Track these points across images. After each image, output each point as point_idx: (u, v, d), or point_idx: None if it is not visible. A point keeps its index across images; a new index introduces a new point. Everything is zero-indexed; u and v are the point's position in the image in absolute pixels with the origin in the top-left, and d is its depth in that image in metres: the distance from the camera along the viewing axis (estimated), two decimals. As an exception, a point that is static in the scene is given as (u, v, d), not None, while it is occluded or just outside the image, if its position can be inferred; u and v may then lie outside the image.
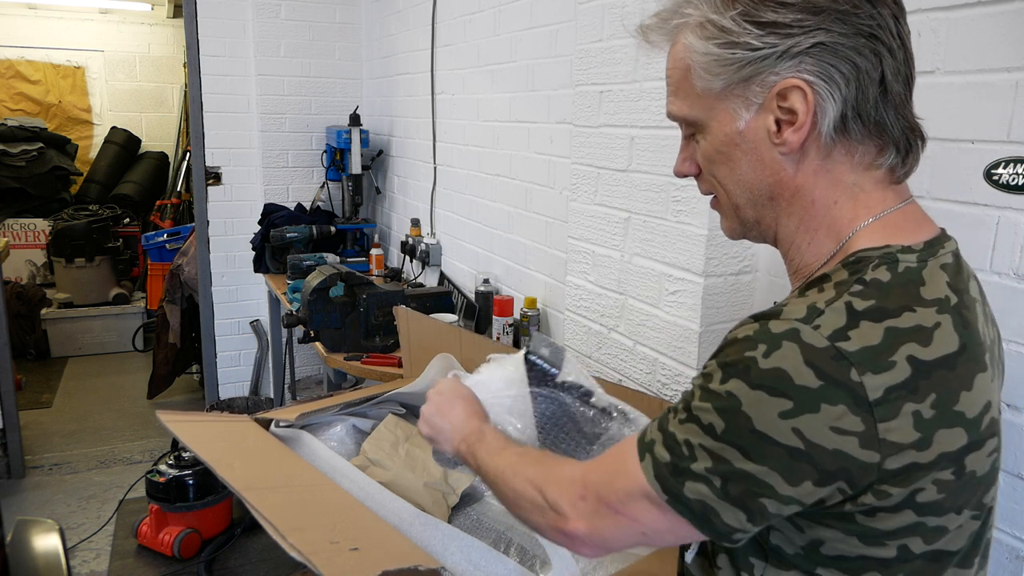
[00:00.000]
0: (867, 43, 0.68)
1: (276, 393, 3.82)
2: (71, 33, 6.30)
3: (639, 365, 1.56)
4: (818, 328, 0.63)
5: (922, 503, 0.65)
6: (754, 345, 0.65)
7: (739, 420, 0.65)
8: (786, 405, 0.63)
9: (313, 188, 3.94)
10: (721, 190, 0.79)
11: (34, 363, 5.24)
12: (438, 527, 1.18)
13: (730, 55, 0.70)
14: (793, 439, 0.63)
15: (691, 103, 0.76)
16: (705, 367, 0.71)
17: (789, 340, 0.64)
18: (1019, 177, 0.96)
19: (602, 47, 1.60)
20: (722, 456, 0.66)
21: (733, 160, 0.75)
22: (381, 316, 2.33)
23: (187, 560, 1.37)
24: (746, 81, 0.71)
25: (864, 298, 0.65)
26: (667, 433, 0.71)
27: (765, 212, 0.77)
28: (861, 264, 0.69)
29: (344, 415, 1.63)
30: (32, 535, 1.28)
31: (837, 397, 0.62)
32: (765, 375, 0.64)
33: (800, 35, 0.67)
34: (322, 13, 3.80)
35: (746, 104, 0.72)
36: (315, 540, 0.97)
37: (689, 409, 0.69)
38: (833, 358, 0.62)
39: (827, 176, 0.72)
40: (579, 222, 1.73)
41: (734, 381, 0.65)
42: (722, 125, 0.74)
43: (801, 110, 0.69)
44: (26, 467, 3.74)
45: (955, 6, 1.02)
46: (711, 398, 0.67)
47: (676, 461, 0.69)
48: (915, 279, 0.67)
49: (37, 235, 5.72)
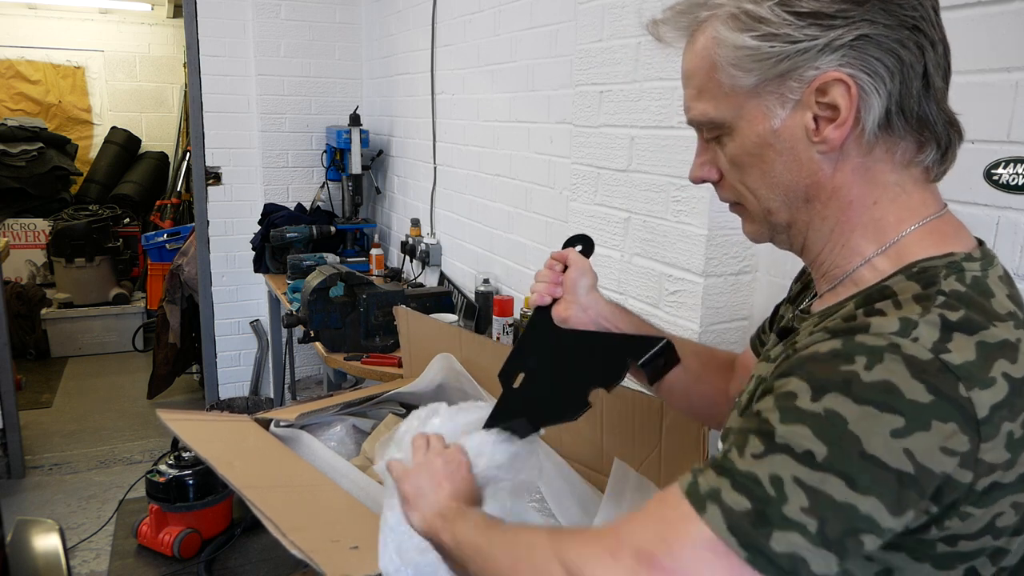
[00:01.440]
0: (911, 35, 0.64)
1: (276, 393, 3.83)
2: (71, 33, 6.30)
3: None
4: (917, 340, 0.58)
5: (1000, 527, 0.61)
6: (850, 358, 0.58)
7: (846, 442, 0.56)
8: (898, 422, 0.55)
9: (313, 188, 3.94)
10: (750, 196, 0.73)
11: (34, 363, 5.24)
12: (438, 527, 1.18)
13: (768, 48, 0.65)
14: (904, 462, 0.56)
15: (717, 103, 0.70)
16: (776, 387, 0.61)
17: (891, 352, 0.57)
18: (1019, 177, 0.96)
19: (602, 47, 1.60)
20: (822, 490, 0.56)
21: (766, 162, 0.70)
22: (381, 316, 2.33)
23: (187, 560, 1.37)
24: (782, 76, 0.66)
25: (953, 310, 0.60)
26: (738, 474, 0.60)
27: (799, 215, 0.72)
28: (930, 274, 0.64)
29: (344, 415, 1.63)
30: (32, 535, 1.28)
31: (948, 414, 0.56)
32: (872, 388, 0.56)
33: (843, 27, 0.63)
34: (322, 13, 3.80)
35: (781, 101, 0.67)
36: (316, 538, 0.98)
37: (769, 438, 0.59)
38: (940, 371, 0.57)
39: (866, 175, 0.68)
40: (579, 222, 1.73)
41: (833, 397, 0.57)
42: (753, 125, 0.69)
43: (844, 105, 0.64)
44: (26, 467, 3.74)
45: (955, 6, 1.02)
46: (803, 419, 0.58)
47: (761, 507, 0.57)
48: (985, 290, 0.63)
49: (37, 235, 5.72)
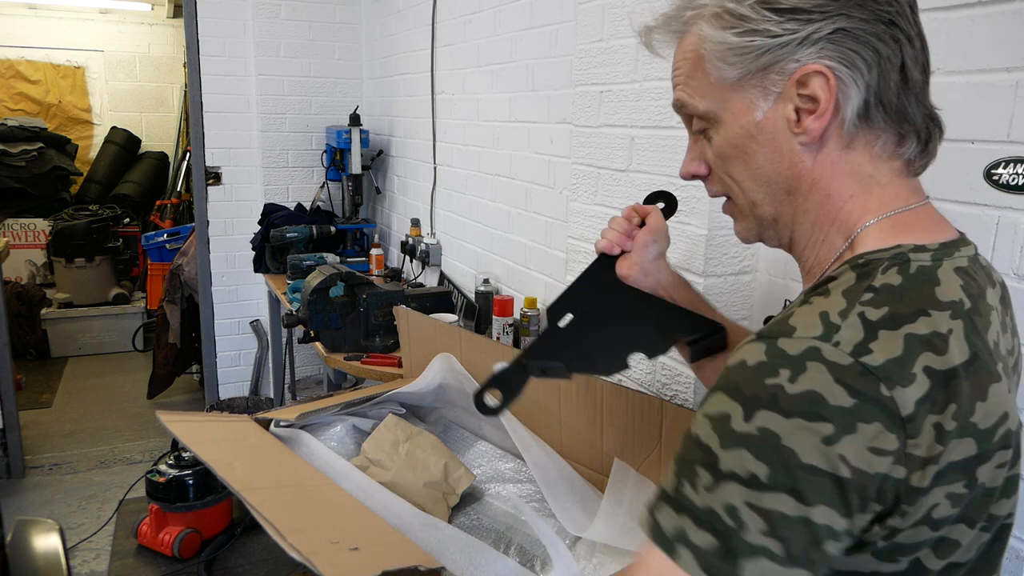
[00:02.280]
0: (887, 29, 0.66)
1: (276, 393, 3.83)
2: (71, 33, 6.30)
3: (639, 365, 1.55)
4: (838, 345, 0.59)
5: (937, 519, 0.62)
6: (774, 371, 0.59)
7: (783, 457, 0.57)
8: (827, 429, 0.57)
9: (313, 188, 3.94)
10: (736, 188, 0.75)
11: (34, 363, 5.24)
12: (438, 527, 1.18)
13: (748, 43, 0.67)
14: (839, 466, 0.57)
15: (703, 95, 0.73)
16: (709, 407, 0.62)
17: (812, 360, 0.59)
18: (1019, 177, 0.96)
19: (602, 47, 1.60)
20: (774, 510, 0.57)
21: (748, 153, 0.72)
22: (381, 316, 2.33)
23: (187, 560, 1.37)
24: (764, 70, 0.68)
25: (877, 306, 0.62)
26: (695, 510, 0.60)
27: (783, 208, 0.73)
28: (870, 267, 0.65)
29: (344, 415, 1.63)
30: (32, 535, 1.28)
31: (872, 415, 0.57)
32: (798, 400, 0.57)
33: (821, 20, 0.65)
34: (322, 13, 3.80)
35: (763, 93, 0.69)
36: (315, 540, 0.97)
37: (715, 467, 0.59)
38: (860, 374, 0.58)
39: (845, 167, 0.70)
40: (579, 222, 1.73)
41: (763, 414, 0.58)
42: (737, 117, 0.71)
43: (823, 96, 0.67)
44: (26, 467, 3.75)
45: (955, 6, 1.02)
46: (741, 442, 0.59)
47: (724, 540, 0.58)
48: (930, 278, 0.64)
49: (37, 235, 5.72)
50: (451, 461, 1.47)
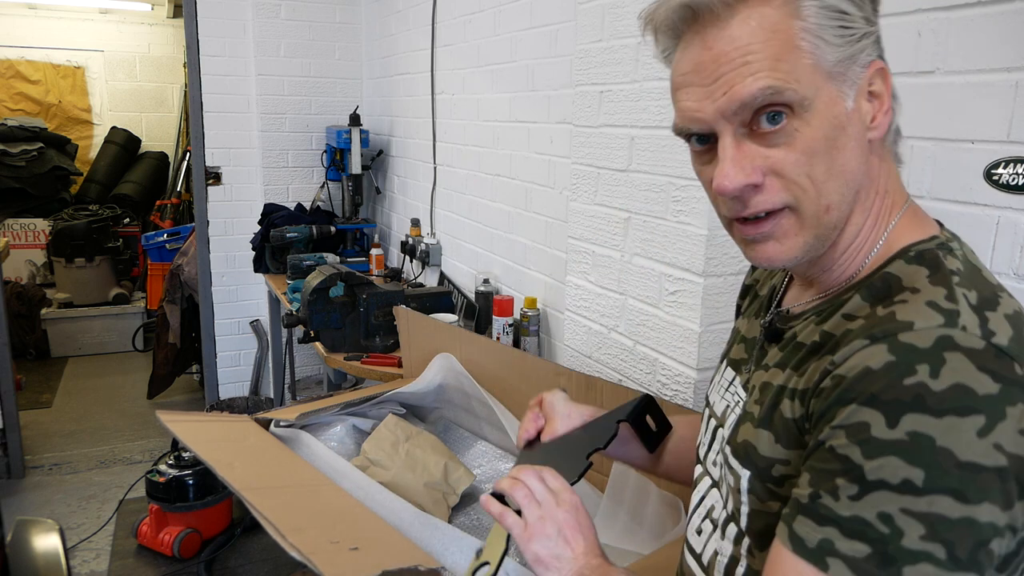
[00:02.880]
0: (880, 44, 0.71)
1: (276, 393, 3.83)
2: (71, 33, 6.30)
3: (639, 365, 1.55)
4: (966, 329, 0.58)
5: None
6: (910, 369, 0.56)
7: (941, 459, 0.54)
8: (980, 421, 0.55)
9: (313, 188, 3.94)
10: (812, 191, 0.66)
11: (34, 363, 5.24)
12: (438, 527, 1.18)
13: (852, 24, 0.64)
14: (997, 457, 0.55)
15: (799, 76, 0.63)
16: (841, 418, 0.59)
17: (948, 350, 0.57)
18: (1019, 177, 0.96)
19: (602, 47, 1.60)
20: (934, 513, 0.54)
21: (838, 148, 0.65)
22: (381, 316, 2.33)
23: (187, 560, 1.37)
24: (852, 58, 0.65)
25: (968, 289, 0.61)
26: (841, 519, 0.57)
27: (846, 212, 0.68)
28: (929, 256, 0.65)
29: (344, 415, 1.63)
30: (32, 535, 1.28)
31: (1016, 396, 0.56)
32: (947, 397, 0.55)
33: (877, 20, 0.68)
34: (322, 13, 3.80)
35: (849, 83, 0.65)
36: (315, 540, 0.97)
37: (859, 476, 0.57)
38: (996, 356, 0.57)
39: (884, 164, 0.71)
40: (579, 222, 1.73)
41: (910, 417, 0.55)
42: (830, 106, 0.64)
43: (885, 93, 0.67)
44: (26, 467, 3.74)
45: (955, 6, 1.02)
46: (888, 449, 0.56)
47: (880, 547, 0.55)
48: (975, 265, 0.66)
49: (37, 235, 5.72)
50: (451, 461, 1.47)
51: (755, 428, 0.71)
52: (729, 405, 0.81)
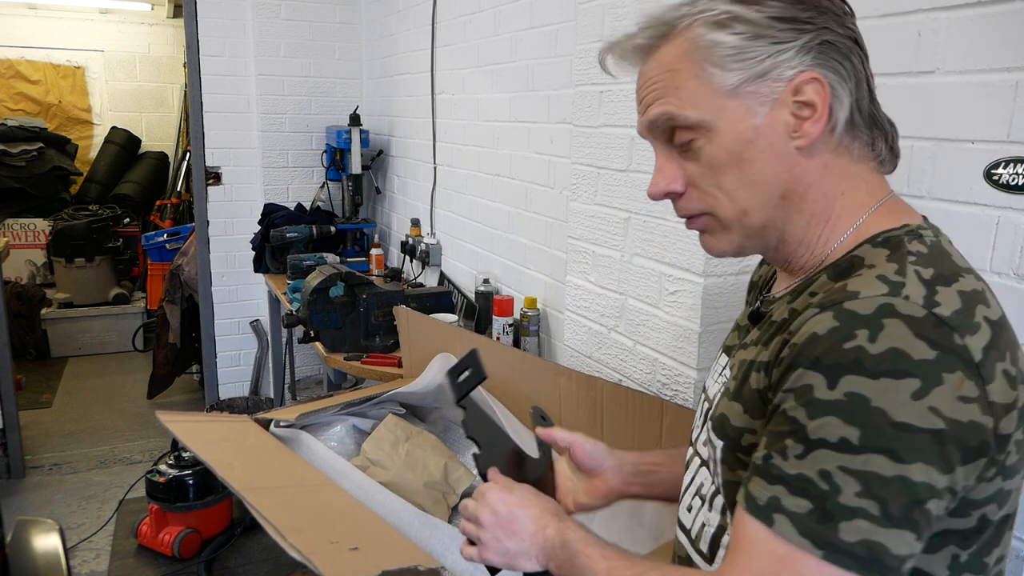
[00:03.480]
0: (854, 46, 0.72)
1: (276, 393, 3.83)
2: (71, 33, 6.30)
3: (639, 365, 1.56)
4: (908, 298, 0.61)
5: (1008, 466, 0.63)
6: (850, 334, 0.60)
7: (875, 419, 0.58)
8: (914, 384, 0.58)
9: (313, 188, 3.94)
10: (725, 199, 0.74)
11: (34, 363, 5.24)
12: (438, 527, 1.18)
13: (753, 48, 0.70)
14: (933, 420, 0.58)
15: (696, 104, 0.73)
16: (791, 382, 0.63)
17: (888, 316, 0.60)
18: (1019, 177, 0.96)
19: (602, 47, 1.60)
20: (869, 471, 0.58)
21: (746, 160, 0.72)
22: (381, 316, 2.33)
23: (187, 560, 1.37)
24: (762, 76, 0.71)
25: (924, 266, 0.65)
26: (789, 478, 0.61)
27: (775, 213, 0.74)
28: (893, 241, 0.69)
29: (344, 415, 1.63)
30: (32, 535, 1.28)
31: (953, 364, 0.59)
32: (882, 360, 0.58)
33: (813, 31, 0.70)
34: (322, 13, 3.80)
35: (760, 100, 0.71)
36: (315, 540, 0.98)
37: (803, 436, 0.61)
38: (935, 325, 0.60)
39: (834, 169, 0.74)
40: (579, 222, 1.73)
41: (848, 379, 0.59)
42: (734, 124, 0.72)
43: (819, 102, 0.70)
44: (26, 467, 3.74)
45: (955, 6, 1.02)
46: (829, 409, 0.60)
47: (820, 503, 0.59)
48: (943, 251, 0.69)
49: (37, 235, 5.72)
50: (451, 461, 1.47)
51: (729, 401, 0.76)
52: (719, 388, 0.85)
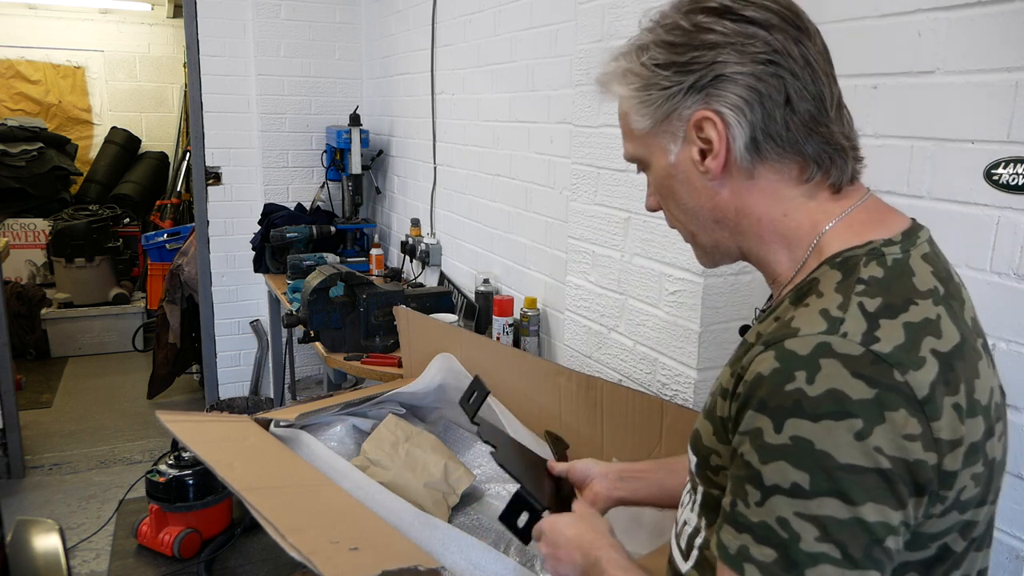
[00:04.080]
0: (765, 69, 0.70)
1: (276, 393, 3.82)
2: (71, 33, 6.30)
3: (639, 365, 1.56)
4: (846, 336, 0.61)
5: (964, 501, 0.64)
6: (789, 376, 0.61)
7: (821, 462, 0.58)
8: (857, 424, 0.58)
9: (313, 188, 3.94)
10: (676, 221, 0.83)
11: (34, 363, 5.24)
12: (438, 527, 1.18)
13: (647, 96, 0.75)
14: (878, 459, 0.58)
15: (634, 143, 0.81)
16: (744, 424, 0.64)
17: (824, 356, 0.60)
18: (1019, 177, 0.96)
19: (602, 47, 1.60)
20: (824, 515, 0.58)
21: (674, 191, 0.79)
22: (381, 316, 2.33)
23: (187, 560, 1.37)
24: (667, 118, 0.75)
25: (871, 296, 0.64)
26: (753, 526, 0.62)
27: (718, 235, 0.79)
28: (850, 263, 0.68)
29: (344, 415, 1.63)
30: (32, 535, 1.28)
31: (894, 402, 0.59)
32: (821, 401, 0.59)
33: (700, 70, 0.71)
34: (322, 13, 3.80)
35: (672, 138, 0.76)
36: (315, 540, 0.97)
37: (760, 482, 0.61)
38: (872, 363, 0.59)
39: (762, 194, 0.75)
40: (579, 222, 1.73)
41: (791, 422, 0.60)
42: (659, 160, 0.79)
43: (715, 138, 0.73)
44: (26, 467, 3.74)
45: (955, 6, 1.02)
46: (777, 454, 0.60)
47: (783, 552, 0.60)
48: (905, 270, 0.67)
49: (37, 235, 5.72)
50: (451, 461, 1.47)
51: (703, 419, 0.77)
52: None
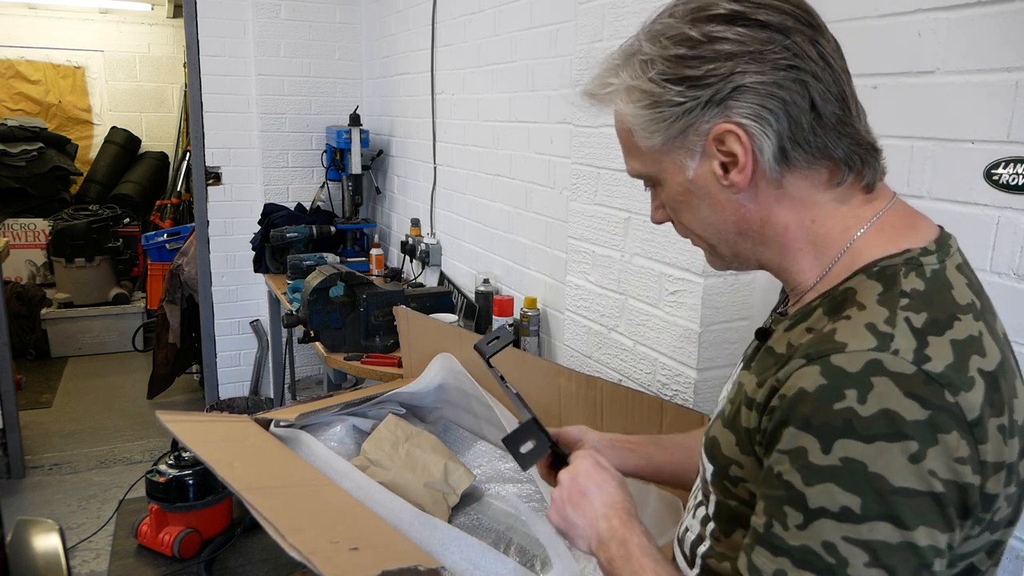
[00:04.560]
0: (787, 75, 0.67)
1: (276, 393, 3.82)
2: (71, 33, 6.30)
3: (639, 365, 1.55)
4: (897, 353, 0.58)
5: (996, 521, 0.62)
6: (839, 393, 0.58)
7: (874, 485, 0.56)
8: (911, 447, 0.56)
9: (313, 188, 3.94)
10: (691, 234, 0.80)
11: (34, 363, 5.24)
12: (438, 527, 1.18)
13: (658, 114, 0.71)
14: (932, 483, 0.56)
15: (641, 160, 0.77)
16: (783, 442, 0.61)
17: (876, 375, 0.57)
18: (1019, 177, 0.96)
19: (602, 47, 1.60)
20: (875, 540, 0.56)
21: (692, 207, 0.76)
22: (381, 316, 2.33)
23: (187, 560, 1.37)
24: (682, 133, 0.71)
25: (916, 311, 0.61)
26: (792, 550, 0.59)
27: (739, 246, 0.76)
28: (889, 273, 0.65)
29: (344, 415, 1.63)
30: (32, 535, 1.28)
31: (946, 424, 0.56)
32: (874, 422, 0.56)
33: (718, 83, 0.67)
34: (322, 13, 3.80)
35: (689, 154, 0.72)
36: (315, 540, 0.97)
37: (803, 504, 0.58)
38: (925, 383, 0.57)
39: (791, 202, 0.72)
40: (579, 222, 1.73)
41: (841, 443, 0.57)
42: (673, 176, 0.75)
43: (739, 152, 0.69)
44: (26, 467, 3.74)
45: (955, 6, 1.02)
46: (825, 475, 0.57)
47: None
48: (944, 282, 0.65)
49: (37, 235, 5.72)
50: (451, 461, 1.47)
51: (722, 427, 0.75)
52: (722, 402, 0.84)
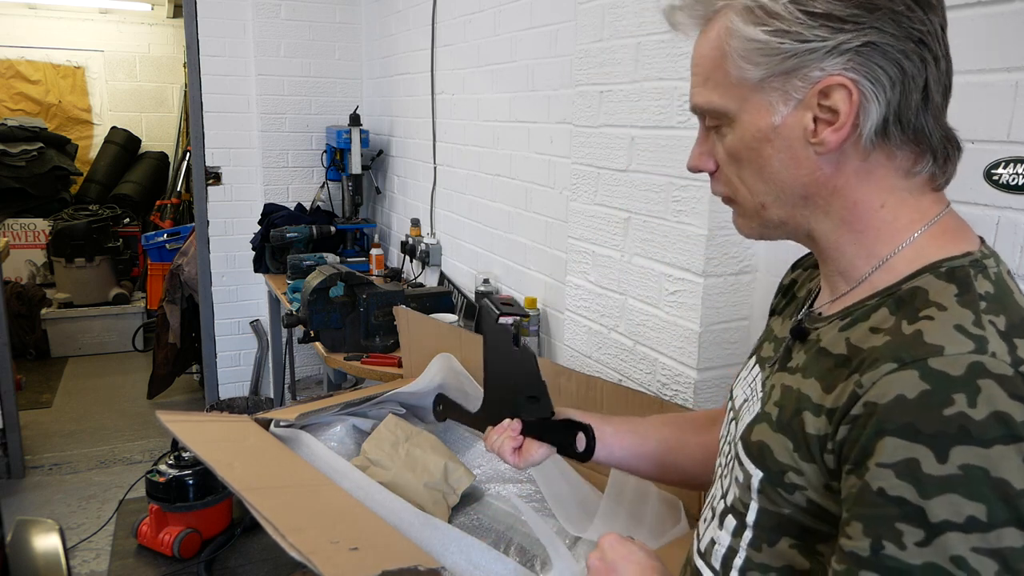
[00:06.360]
0: (916, 48, 0.64)
1: (276, 393, 3.82)
2: (71, 33, 6.30)
3: (639, 365, 1.55)
4: (995, 356, 0.57)
5: None
6: (947, 399, 0.56)
7: (999, 490, 0.54)
8: None
9: (313, 188, 3.94)
10: (744, 190, 0.73)
11: (34, 363, 5.24)
12: (438, 527, 1.18)
13: (777, 43, 0.65)
14: None
15: (722, 92, 0.70)
16: (882, 455, 0.57)
17: (981, 378, 0.56)
18: (1019, 177, 0.96)
19: (602, 47, 1.60)
20: (1005, 547, 0.53)
21: (763, 157, 0.70)
22: (381, 316, 2.33)
23: (187, 560, 1.37)
24: (788, 74, 0.66)
25: (995, 314, 0.60)
26: (914, 569, 0.55)
27: (796, 212, 0.71)
28: (960, 275, 0.64)
29: (344, 415, 1.63)
30: (32, 535, 1.28)
31: None
32: (988, 426, 0.54)
33: (853, 31, 0.63)
34: (322, 13, 3.80)
35: (784, 98, 0.67)
36: (315, 540, 0.97)
37: (922, 519, 0.55)
38: None
39: (869, 178, 0.68)
40: (579, 222, 1.73)
41: (959, 450, 0.54)
42: (755, 118, 0.69)
43: (844, 110, 0.65)
44: (26, 467, 3.75)
45: (955, 6, 1.02)
46: (946, 485, 0.54)
47: None
48: (1008, 285, 0.64)
49: (37, 235, 5.72)
50: (451, 461, 1.47)
51: (773, 431, 0.71)
52: (748, 399, 0.81)
